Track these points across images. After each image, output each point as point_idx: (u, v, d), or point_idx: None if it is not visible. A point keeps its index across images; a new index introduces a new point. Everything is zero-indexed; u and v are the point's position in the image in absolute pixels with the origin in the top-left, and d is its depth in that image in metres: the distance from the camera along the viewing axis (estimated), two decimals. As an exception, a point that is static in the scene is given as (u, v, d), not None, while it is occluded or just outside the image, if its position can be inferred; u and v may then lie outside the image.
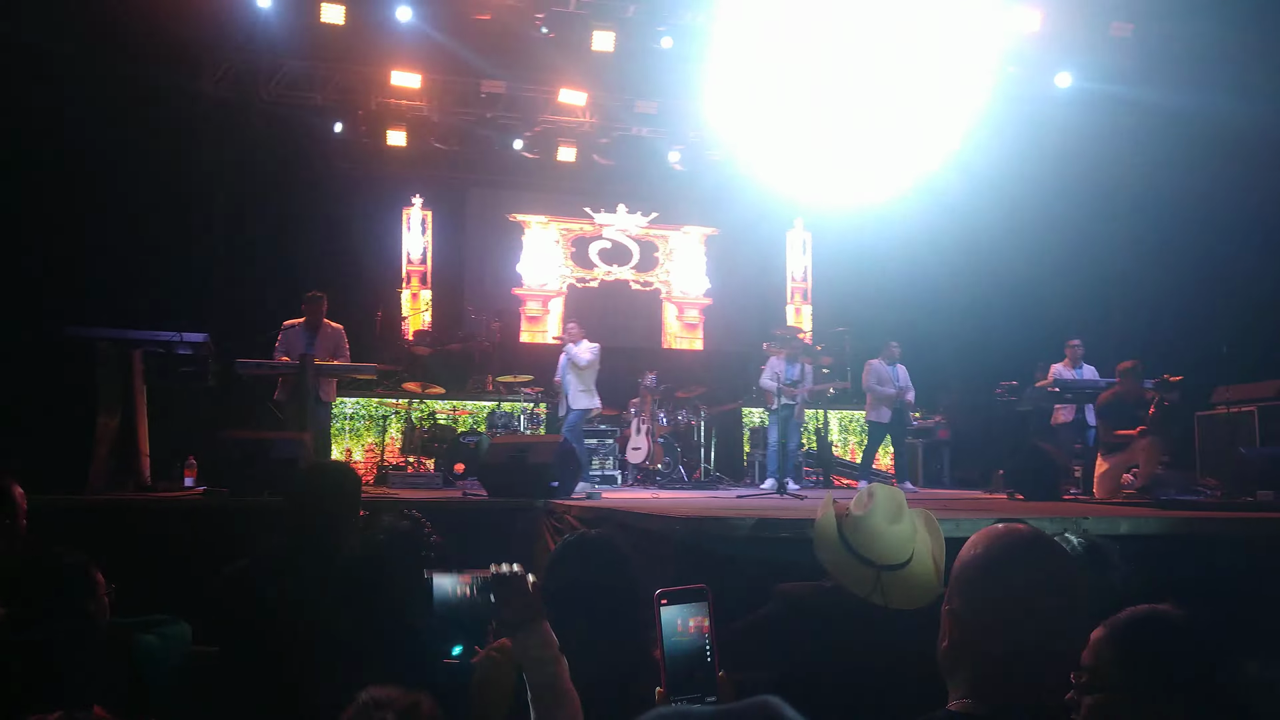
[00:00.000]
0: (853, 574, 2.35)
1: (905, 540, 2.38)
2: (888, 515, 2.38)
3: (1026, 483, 6.72)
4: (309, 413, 6.89)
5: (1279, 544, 3.59)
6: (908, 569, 2.35)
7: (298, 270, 10.45)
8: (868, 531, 2.37)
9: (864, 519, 2.39)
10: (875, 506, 2.40)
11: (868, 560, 2.34)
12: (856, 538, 2.38)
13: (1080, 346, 8.85)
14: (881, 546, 2.35)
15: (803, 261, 14.31)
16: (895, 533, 2.37)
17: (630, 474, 9.81)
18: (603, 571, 2.21)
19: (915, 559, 2.38)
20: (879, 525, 2.37)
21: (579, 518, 4.81)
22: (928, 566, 2.40)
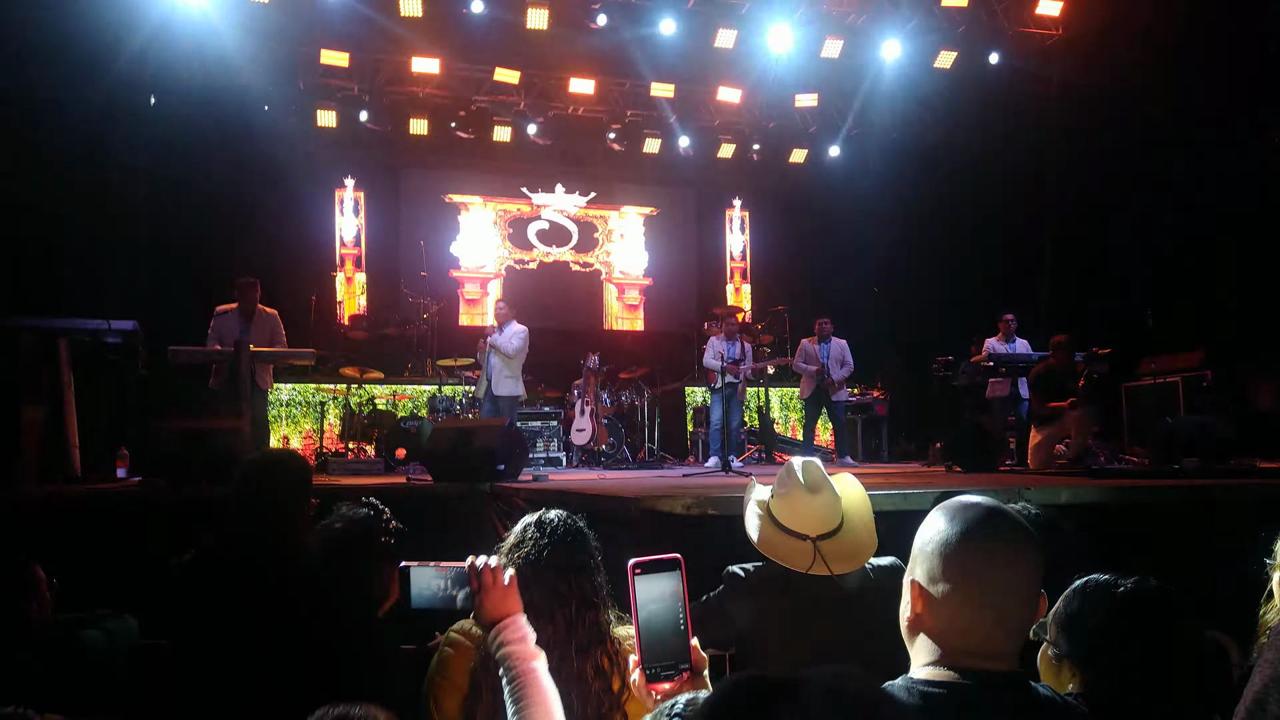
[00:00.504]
0: (790, 551, 2.39)
1: (832, 507, 2.44)
2: (811, 485, 2.44)
3: (964, 455, 6.92)
4: (245, 400, 6.71)
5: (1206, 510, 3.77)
6: (841, 533, 2.42)
7: (229, 255, 10.15)
8: (794, 506, 2.43)
9: (789, 495, 2.45)
10: (798, 480, 2.45)
11: (802, 535, 2.39)
12: (786, 515, 2.44)
13: (1014, 321, 9.08)
14: (811, 517, 2.40)
15: (741, 240, 14.43)
16: (820, 502, 2.42)
17: (575, 455, 9.82)
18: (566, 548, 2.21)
19: (846, 523, 2.45)
20: (805, 497, 2.43)
21: (528, 500, 4.80)
22: (860, 528, 2.48)
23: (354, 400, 9.67)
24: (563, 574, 2.18)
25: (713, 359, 9.08)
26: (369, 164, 12.63)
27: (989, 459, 6.84)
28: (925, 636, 1.49)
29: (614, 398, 10.27)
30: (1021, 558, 1.46)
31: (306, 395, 9.85)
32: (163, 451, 5.49)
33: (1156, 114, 8.91)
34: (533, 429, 9.61)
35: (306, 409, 9.83)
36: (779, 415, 11.60)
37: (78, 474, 5.92)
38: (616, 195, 13.73)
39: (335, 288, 12.27)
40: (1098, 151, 9.75)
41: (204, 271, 9.86)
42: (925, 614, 1.48)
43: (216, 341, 7.36)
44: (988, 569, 1.44)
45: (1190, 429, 6.89)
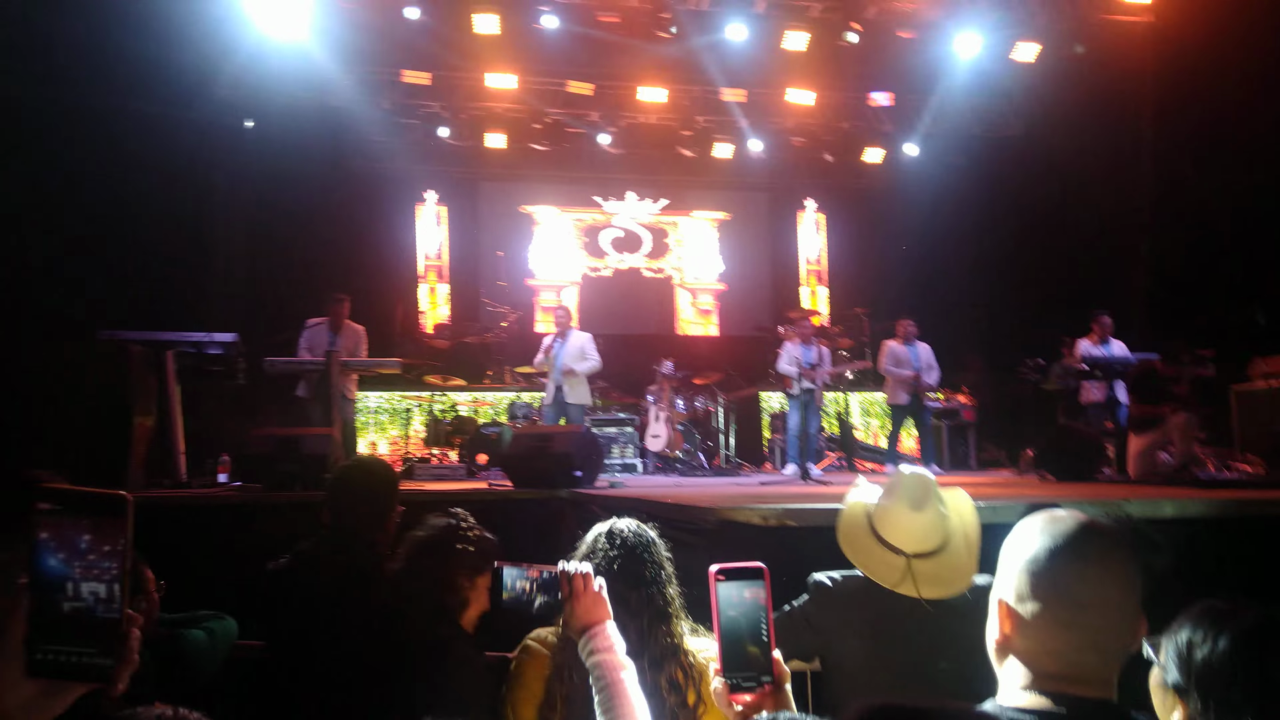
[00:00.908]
0: (880, 563, 2.28)
1: (935, 526, 2.29)
2: (914, 500, 2.29)
3: (1058, 463, 6.65)
4: (336, 408, 6.96)
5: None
6: (940, 556, 2.28)
7: (318, 268, 10.55)
8: (896, 519, 2.30)
9: (891, 506, 2.33)
10: (902, 492, 2.32)
11: (897, 549, 2.28)
12: (884, 526, 2.32)
13: (1109, 322, 8.72)
14: (911, 534, 2.27)
15: (816, 243, 14.28)
16: (922, 519, 2.28)
17: (650, 462, 9.84)
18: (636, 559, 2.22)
19: (948, 545, 2.30)
20: (906, 511, 2.29)
21: (604, 507, 4.83)
22: (961, 552, 2.32)
23: (437, 407, 9.91)
24: (633, 585, 2.17)
25: (787, 364, 8.93)
26: (449, 178, 12.95)
27: (1085, 467, 6.56)
28: (1015, 659, 1.43)
29: (688, 403, 10.27)
30: (1116, 576, 1.39)
31: (393, 403, 10.13)
32: (259, 458, 5.73)
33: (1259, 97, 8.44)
34: (608, 435, 9.67)
35: (393, 416, 10.11)
36: (860, 421, 11.42)
37: (183, 479, 6.22)
38: (688, 201, 13.75)
39: (419, 298, 12.59)
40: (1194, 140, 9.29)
41: (296, 285, 10.25)
42: (1014, 635, 1.43)
43: (306, 353, 7.65)
44: (1079, 587, 1.38)
45: (1310, 436, 6.53)
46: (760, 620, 1.48)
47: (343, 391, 7.63)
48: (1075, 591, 1.38)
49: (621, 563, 2.22)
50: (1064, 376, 8.90)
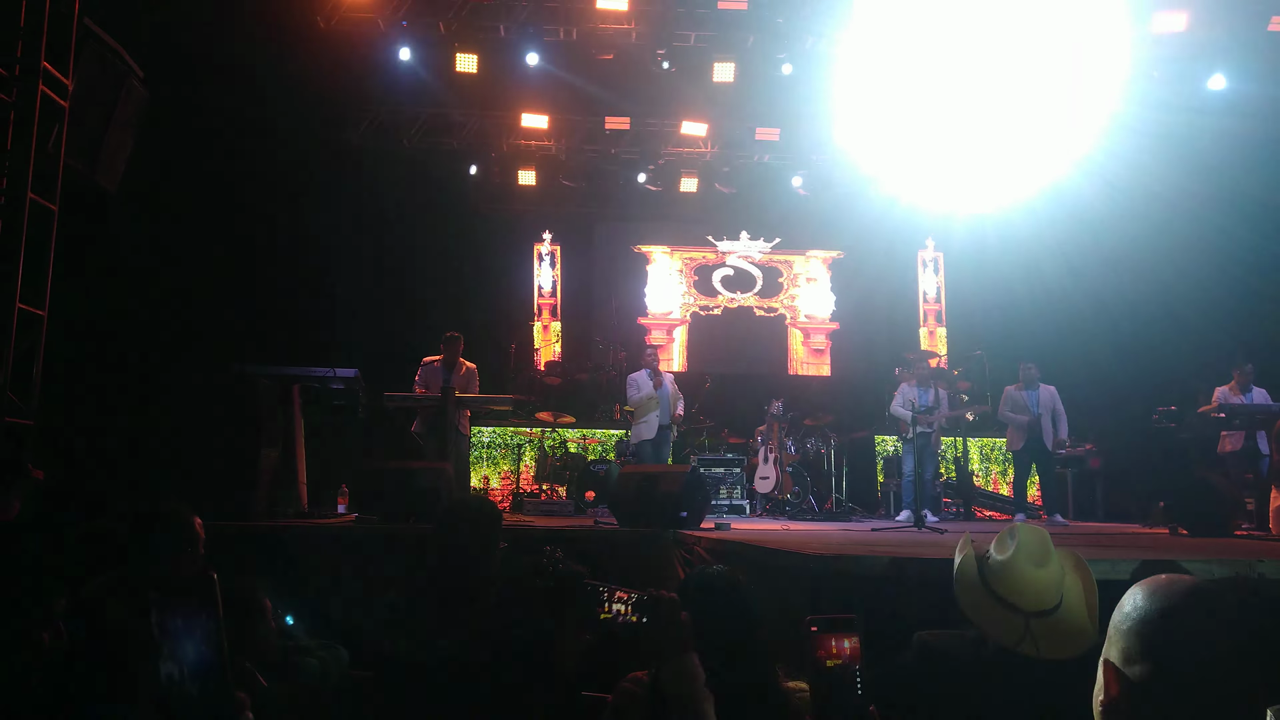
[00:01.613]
0: (999, 621, 2.21)
1: (1054, 583, 2.23)
2: (1033, 557, 2.23)
3: (1191, 516, 6.29)
4: (450, 443, 7.17)
5: None
6: (1058, 614, 2.20)
7: (437, 307, 10.96)
8: (1012, 575, 2.23)
9: (1007, 561, 2.25)
10: (1019, 547, 2.25)
11: (1014, 606, 2.21)
12: (1000, 582, 2.25)
13: (1251, 369, 8.21)
14: (1028, 591, 2.20)
15: (935, 282, 13.93)
16: (1042, 576, 2.22)
17: (759, 504, 9.71)
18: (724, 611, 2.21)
19: (1065, 604, 2.23)
20: (1024, 568, 2.22)
21: (709, 549, 4.81)
22: (1080, 612, 2.25)
23: (548, 443, 10.08)
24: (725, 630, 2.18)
25: (901, 407, 8.71)
26: (565, 218, 13.28)
27: (1221, 521, 6.17)
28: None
29: (799, 445, 10.11)
30: (1234, 642, 1.32)
31: (505, 438, 10.37)
32: (377, 490, 5.96)
33: None
34: (716, 476, 9.61)
35: (505, 451, 10.34)
36: (979, 467, 10.98)
37: (305, 508, 6.52)
38: (801, 240, 13.66)
39: (533, 335, 12.90)
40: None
41: (414, 322, 10.67)
42: (1121, 699, 1.37)
43: (422, 389, 7.93)
44: (1192, 651, 1.32)
45: None
46: (854, 672, 1.48)
47: (457, 427, 7.86)
48: (1187, 656, 1.32)
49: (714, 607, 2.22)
50: (1200, 425, 8.38)
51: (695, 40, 10.33)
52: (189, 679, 1.14)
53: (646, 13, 10.06)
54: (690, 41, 10.32)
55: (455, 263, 12.18)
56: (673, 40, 10.16)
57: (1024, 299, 12.46)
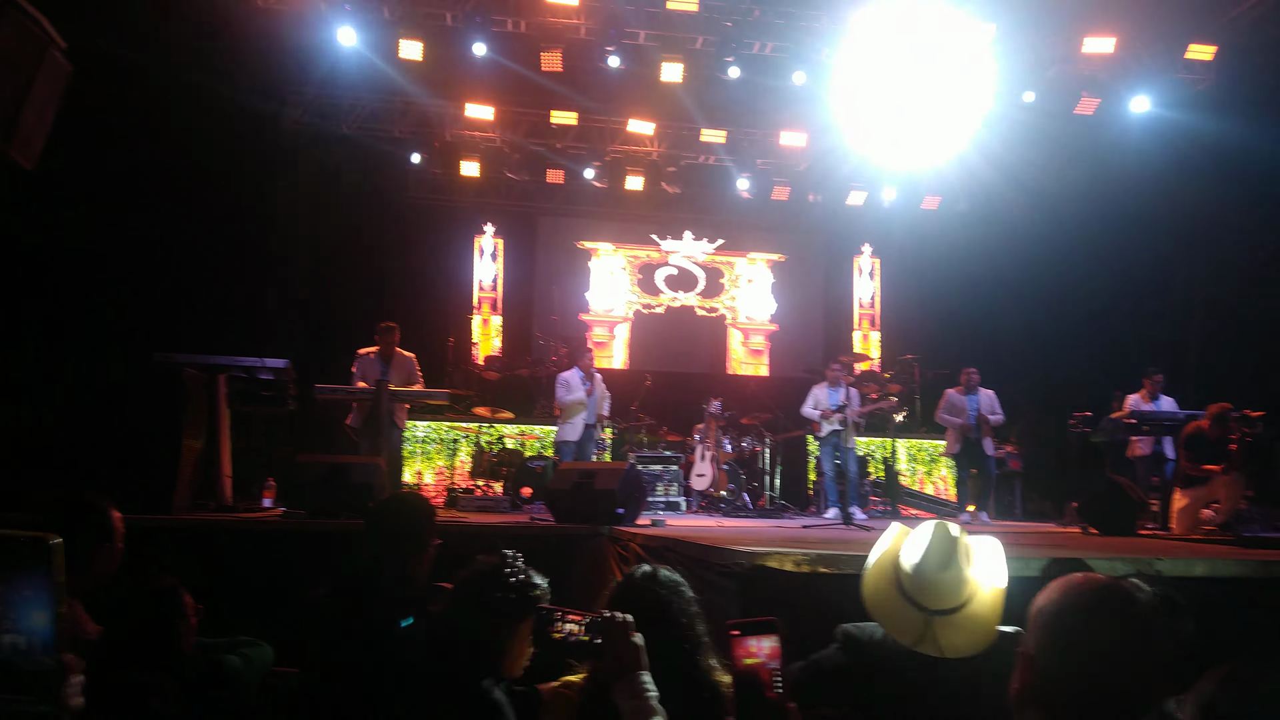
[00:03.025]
0: (901, 619, 2.28)
1: (960, 583, 2.28)
2: (941, 557, 2.28)
3: (1101, 517, 6.57)
4: (384, 437, 7.08)
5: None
6: (962, 613, 2.27)
7: (374, 297, 10.79)
8: (921, 575, 2.29)
9: (918, 562, 2.31)
10: (929, 549, 2.31)
11: (919, 605, 2.27)
12: (909, 580, 2.31)
13: (1161, 379, 8.60)
14: (935, 590, 2.26)
15: (870, 287, 14.21)
16: (949, 576, 2.27)
17: (694, 501, 9.80)
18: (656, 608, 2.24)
19: (972, 602, 2.28)
20: (932, 568, 2.28)
21: (643, 546, 4.85)
22: (986, 610, 2.30)
23: (485, 439, 10.01)
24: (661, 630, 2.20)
25: (811, 408, 9.01)
26: (508, 211, 13.21)
27: (1128, 522, 6.46)
28: (1031, 711, 1.48)
29: (735, 444, 10.23)
30: (1135, 636, 1.44)
31: (440, 433, 10.27)
32: (305, 484, 5.85)
33: None
34: (653, 473, 9.66)
35: (440, 446, 10.24)
36: (906, 468, 11.25)
37: (229, 502, 6.38)
38: (744, 242, 13.81)
39: (472, 329, 12.80)
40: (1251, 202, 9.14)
41: (350, 312, 10.49)
42: (1031, 687, 1.49)
43: (360, 381, 7.80)
44: (1096, 645, 1.43)
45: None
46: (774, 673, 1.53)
47: (392, 420, 7.75)
48: (1091, 648, 1.43)
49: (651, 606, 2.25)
50: (1112, 430, 8.76)
51: (644, 39, 10.34)
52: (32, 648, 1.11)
53: (595, 8, 10.04)
54: (639, 40, 10.33)
55: (393, 252, 12.02)
56: (622, 37, 10.14)
57: (954, 306, 12.84)
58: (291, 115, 11.23)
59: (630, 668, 1.92)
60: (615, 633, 1.95)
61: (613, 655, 1.93)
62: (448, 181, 12.52)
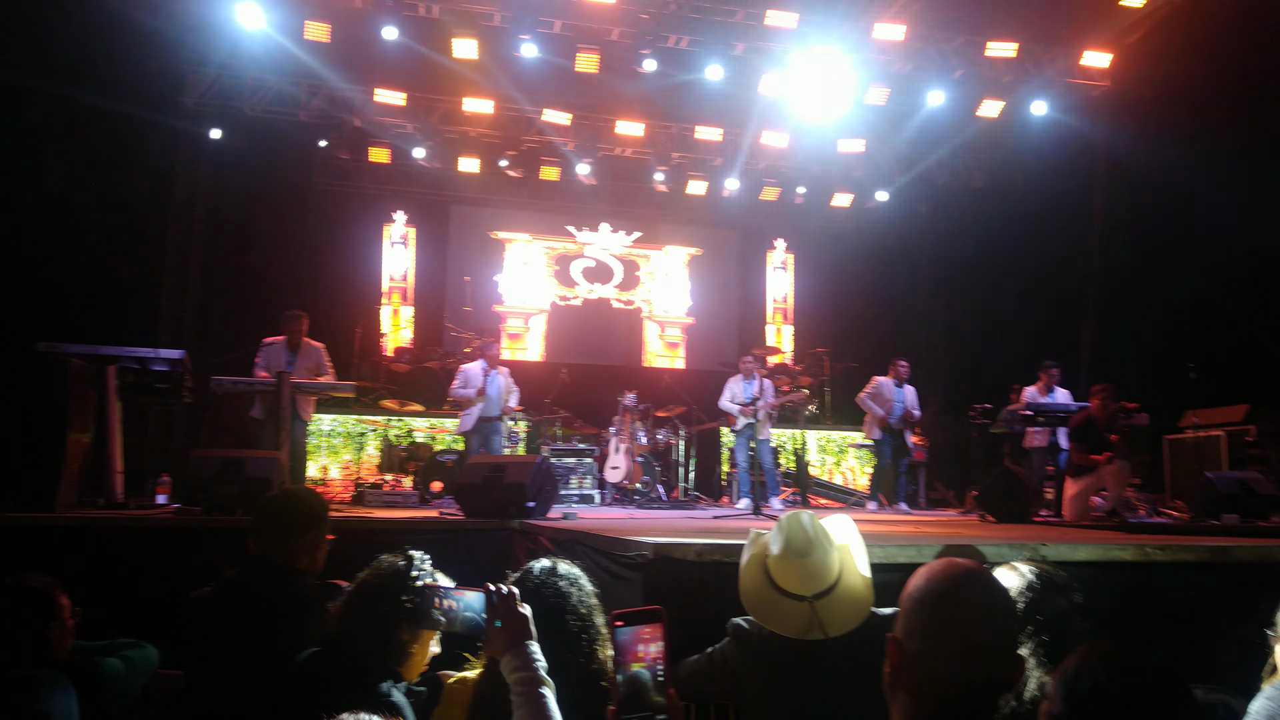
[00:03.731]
0: (784, 614, 2.31)
1: (826, 564, 2.34)
2: (799, 545, 2.34)
3: (997, 505, 6.80)
4: (285, 430, 6.86)
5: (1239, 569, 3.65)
6: (836, 591, 2.33)
7: (280, 285, 10.47)
8: (788, 566, 2.33)
9: (781, 554, 2.36)
10: (787, 539, 2.36)
11: (797, 595, 2.31)
12: (780, 575, 2.35)
13: (1056, 372, 8.95)
14: (805, 577, 2.31)
15: (784, 282, 14.43)
16: (813, 561, 2.33)
17: (609, 493, 9.80)
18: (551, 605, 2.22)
19: (843, 576, 2.35)
20: (795, 557, 2.33)
21: (552, 539, 4.82)
22: (856, 582, 2.37)
23: (393, 433, 9.81)
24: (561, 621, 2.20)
25: (727, 402, 9.12)
26: (419, 199, 12.96)
27: (1022, 509, 6.71)
28: (900, 693, 1.53)
29: (650, 436, 10.26)
30: (991, 620, 1.50)
31: (347, 426, 10.01)
32: (200, 479, 5.62)
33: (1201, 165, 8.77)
34: (567, 466, 9.63)
35: (347, 439, 9.99)
36: (816, 458, 11.48)
37: (120, 499, 6.09)
38: (661, 235, 13.86)
39: (381, 320, 12.52)
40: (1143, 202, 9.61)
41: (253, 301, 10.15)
42: (901, 669, 1.52)
43: (265, 371, 7.55)
44: (958, 631, 1.48)
45: (1231, 484, 6.71)
46: (657, 662, 1.53)
47: (296, 413, 7.54)
48: (951, 632, 1.49)
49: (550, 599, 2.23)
50: (1010, 421, 9.09)
51: (560, 29, 10.26)
52: None
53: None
54: (555, 29, 10.24)
55: (300, 240, 11.67)
56: (537, 26, 10.05)
57: (864, 301, 13.17)
58: (190, 96, 10.79)
59: (518, 639, 1.91)
60: (501, 605, 1.93)
61: (499, 628, 1.91)
62: (356, 168, 12.25)
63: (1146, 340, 9.66)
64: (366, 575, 2.43)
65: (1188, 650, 3.15)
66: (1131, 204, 9.83)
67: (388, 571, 2.39)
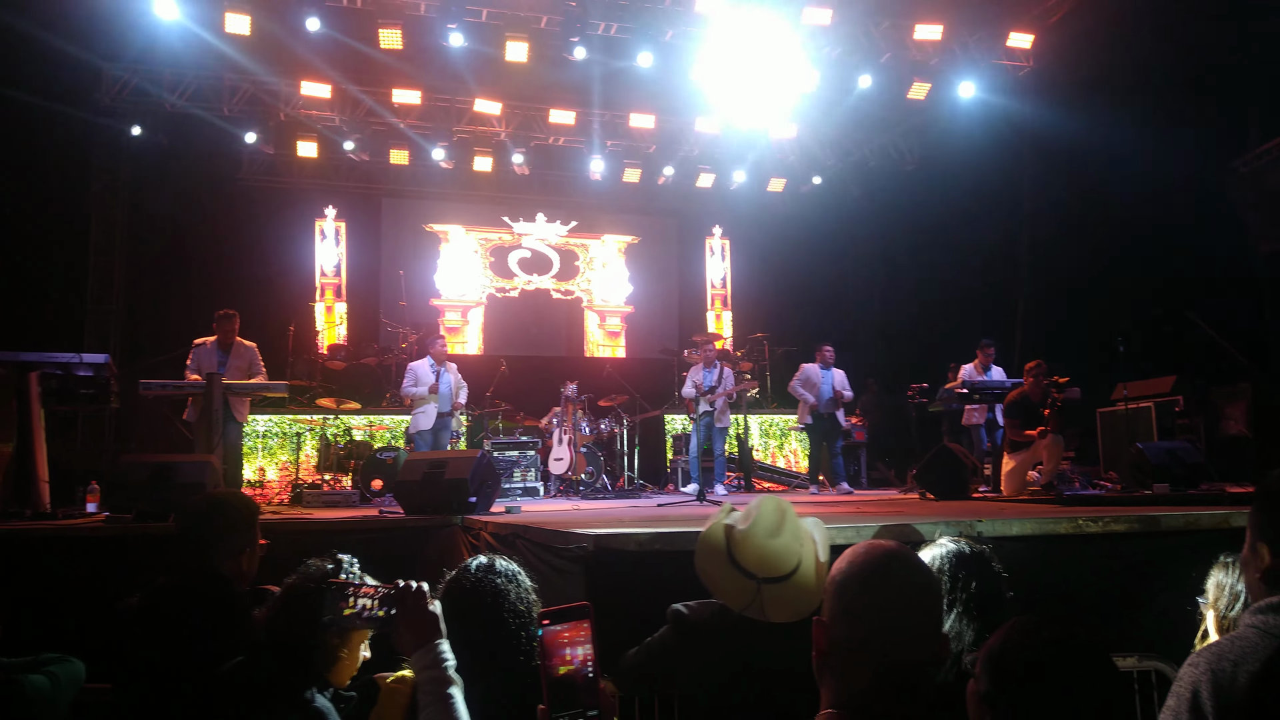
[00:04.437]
0: (732, 587, 2.33)
1: (788, 552, 2.36)
2: (768, 528, 2.37)
3: (936, 483, 6.94)
4: (217, 433, 6.70)
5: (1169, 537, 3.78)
6: (790, 580, 2.34)
7: (210, 285, 10.22)
8: (750, 544, 2.36)
9: (747, 531, 2.38)
10: (758, 519, 2.39)
11: (749, 573, 2.33)
12: (740, 551, 2.37)
13: (992, 350, 9.15)
14: (763, 559, 2.34)
15: (721, 268, 14.51)
16: (776, 545, 2.35)
17: (553, 485, 9.78)
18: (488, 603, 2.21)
19: (801, 570, 2.37)
20: (760, 538, 2.36)
21: (494, 534, 4.79)
22: (810, 577, 2.39)
23: (330, 431, 9.64)
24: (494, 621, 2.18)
25: (689, 389, 9.14)
26: (350, 194, 12.73)
27: (960, 486, 6.86)
28: (828, 676, 1.54)
29: (593, 426, 10.26)
30: (911, 601, 1.51)
31: (283, 426, 9.79)
32: (130, 486, 5.46)
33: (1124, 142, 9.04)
34: (509, 459, 9.58)
35: (283, 440, 9.78)
36: (759, 442, 11.60)
37: (46, 509, 5.89)
38: (598, 224, 13.82)
39: (315, 317, 12.28)
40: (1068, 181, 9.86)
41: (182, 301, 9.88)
42: (828, 653, 1.54)
43: (195, 373, 7.37)
44: (880, 612, 1.49)
45: (1161, 454, 6.91)
46: (587, 657, 1.52)
47: (231, 414, 7.37)
48: (873, 614, 1.50)
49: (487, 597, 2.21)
50: (947, 400, 9.28)
51: (487, 17, 10.12)
52: None
53: (436, -16, 9.76)
54: (481, 18, 10.11)
55: (229, 237, 11.38)
56: (464, 15, 9.90)
57: (801, 284, 13.32)
58: (108, 93, 10.41)
59: (427, 637, 1.88)
60: (410, 602, 1.90)
61: (407, 625, 1.88)
62: (285, 163, 11.97)
63: (1078, 316, 9.92)
64: (292, 580, 2.39)
65: (1123, 620, 3.24)
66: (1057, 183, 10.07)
67: (314, 575, 2.35)
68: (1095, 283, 9.86)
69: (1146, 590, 3.43)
